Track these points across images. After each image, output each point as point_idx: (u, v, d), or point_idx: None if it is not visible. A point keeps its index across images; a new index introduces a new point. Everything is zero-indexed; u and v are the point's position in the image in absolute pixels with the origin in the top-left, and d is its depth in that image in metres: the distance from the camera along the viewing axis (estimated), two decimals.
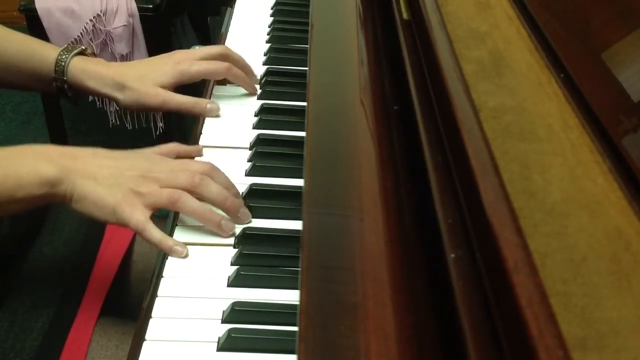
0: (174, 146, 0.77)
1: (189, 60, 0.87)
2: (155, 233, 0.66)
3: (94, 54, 0.90)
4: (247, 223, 0.70)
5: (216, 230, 0.68)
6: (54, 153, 0.68)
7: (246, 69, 0.93)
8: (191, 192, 0.69)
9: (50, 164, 0.66)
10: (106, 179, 0.68)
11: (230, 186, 0.71)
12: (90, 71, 0.85)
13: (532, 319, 0.37)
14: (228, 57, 0.91)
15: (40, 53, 0.87)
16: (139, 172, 0.69)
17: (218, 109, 0.87)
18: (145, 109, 0.86)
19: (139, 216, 0.66)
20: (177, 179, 0.69)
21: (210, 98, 0.91)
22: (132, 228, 0.67)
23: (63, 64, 0.85)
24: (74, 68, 0.85)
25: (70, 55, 0.85)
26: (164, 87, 0.85)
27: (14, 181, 0.65)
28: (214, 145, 0.82)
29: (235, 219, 0.70)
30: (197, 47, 0.92)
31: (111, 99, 0.87)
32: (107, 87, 0.85)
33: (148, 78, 0.85)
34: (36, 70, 0.87)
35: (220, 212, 0.69)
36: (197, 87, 0.93)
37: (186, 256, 0.66)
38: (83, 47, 0.88)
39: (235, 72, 0.90)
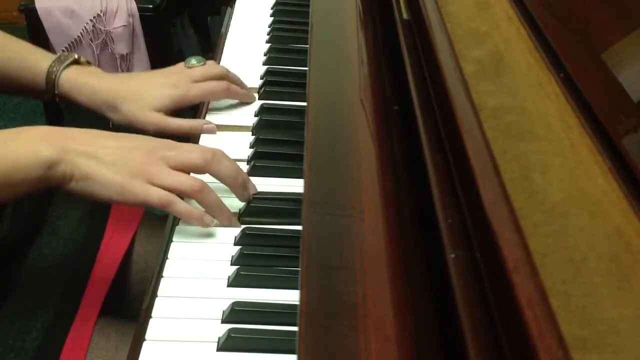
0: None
1: (187, 83, 0.84)
2: (182, 206, 0.66)
3: (88, 62, 0.86)
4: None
5: (226, 224, 0.69)
6: (53, 134, 0.66)
7: (243, 88, 0.91)
8: (204, 169, 0.68)
9: (49, 144, 0.64)
10: (109, 157, 0.66)
11: (238, 168, 0.72)
12: (81, 85, 0.82)
13: (532, 319, 0.37)
14: (226, 78, 0.89)
15: (33, 63, 0.83)
16: (144, 150, 0.67)
17: (215, 130, 0.84)
18: (139, 132, 0.83)
19: (159, 191, 0.65)
20: (188, 157, 0.68)
21: (207, 107, 0.90)
22: (154, 205, 0.65)
23: (54, 77, 0.82)
24: (65, 81, 0.82)
25: (62, 67, 0.82)
26: (159, 111, 0.82)
27: (11, 163, 0.63)
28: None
29: (241, 197, 0.71)
30: (193, 60, 0.88)
31: (103, 116, 0.83)
32: (99, 104, 0.82)
33: (143, 101, 0.82)
34: (28, 81, 0.84)
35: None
36: None
37: (213, 224, 0.68)
38: (76, 56, 0.84)
39: (234, 90, 0.88)
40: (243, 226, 0.70)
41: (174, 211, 0.67)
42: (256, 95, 0.93)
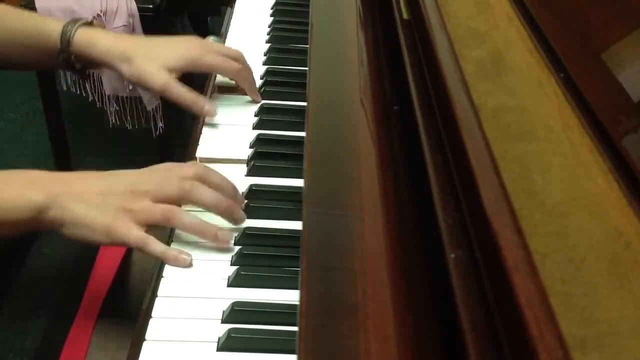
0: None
1: (202, 49, 0.86)
2: (157, 246, 0.65)
3: (101, 26, 0.89)
4: (242, 224, 0.69)
5: (213, 242, 0.67)
6: (44, 178, 0.67)
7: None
8: (184, 200, 0.67)
9: (39, 189, 0.65)
10: (95, 199, 0.65)
11: (226, 185, 0.70)
12: (96, 41, 0.84)
13: (532, 319, 0.37)
14: (241, 63, 0.89)
15: (45, 26, 0.86)
16: (128, 187, 0.67)
17: (215, 114, 0.85)
18: (146, 88, 0.85)
19: (136, 232, 0.65)
20: (166, 190, 0.67)
21: (213, 89, 0.91)
22: (132, 246, 0.65)
23: (69, 35, 0.84)
24: (80, 38, 0.84)
25: (76, 26, 0.84)
26: (170, 70, 0.83)
27: (0, 206, 0.64)
28: (214, 145, 0.82)
29: (231, 221, 0.69)
30: (211, 38, 0.91)
31: (116, 70, 0.86)
32: (113, 57, 0.84)
33: (156, 58, 0.83)
34: (41, 43, 0.86)
35: (216, 219, 0.68)
36: (199, 84, 0.92)
37: (190, 264, 0.65)
38: (90, 18, 0.87)
39: (245, 75, 0.89)
40: (243, 226, 0.70)
41: (149, 253, 0.66)
42: None
